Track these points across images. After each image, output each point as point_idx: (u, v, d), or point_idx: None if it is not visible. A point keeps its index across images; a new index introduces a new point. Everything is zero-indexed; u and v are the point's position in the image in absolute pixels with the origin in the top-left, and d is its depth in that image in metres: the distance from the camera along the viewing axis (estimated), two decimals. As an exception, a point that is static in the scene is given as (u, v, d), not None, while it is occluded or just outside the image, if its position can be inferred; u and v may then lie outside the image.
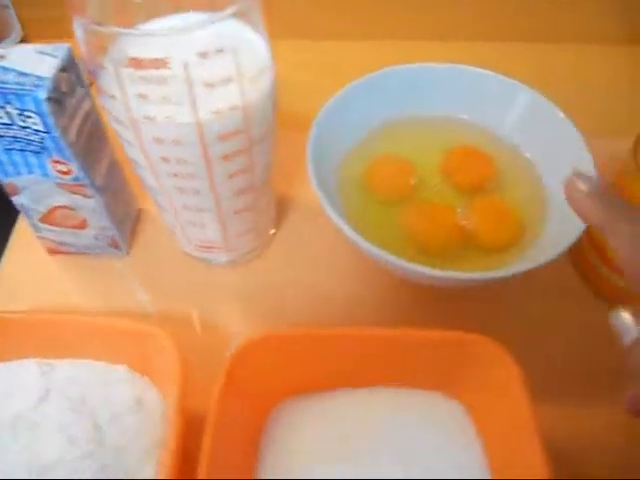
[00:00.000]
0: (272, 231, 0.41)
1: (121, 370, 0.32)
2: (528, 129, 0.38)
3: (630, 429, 0.32)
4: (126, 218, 0.40)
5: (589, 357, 0.36)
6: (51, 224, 0.37)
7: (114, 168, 0.37)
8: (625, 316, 0.23)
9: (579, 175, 0.24)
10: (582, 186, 0.23)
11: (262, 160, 0.32)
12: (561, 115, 0.36)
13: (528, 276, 0.37)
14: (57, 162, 0.33)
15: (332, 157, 0.37)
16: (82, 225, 0.37)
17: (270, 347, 0.30)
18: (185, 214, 0.34)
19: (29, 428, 0.29)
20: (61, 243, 0.39)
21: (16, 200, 0.36)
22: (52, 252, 0.40)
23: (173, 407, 0.28)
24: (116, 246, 0.39)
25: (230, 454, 0.28)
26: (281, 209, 0.42)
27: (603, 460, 0.32)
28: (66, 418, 0.29)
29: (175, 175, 0.31)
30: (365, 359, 0.31)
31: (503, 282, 0.32)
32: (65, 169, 0.33)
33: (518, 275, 0.30)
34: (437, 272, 0.29)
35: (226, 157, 0.30)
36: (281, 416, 0.31)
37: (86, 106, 0.33)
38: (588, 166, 0.34)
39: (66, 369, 0.31)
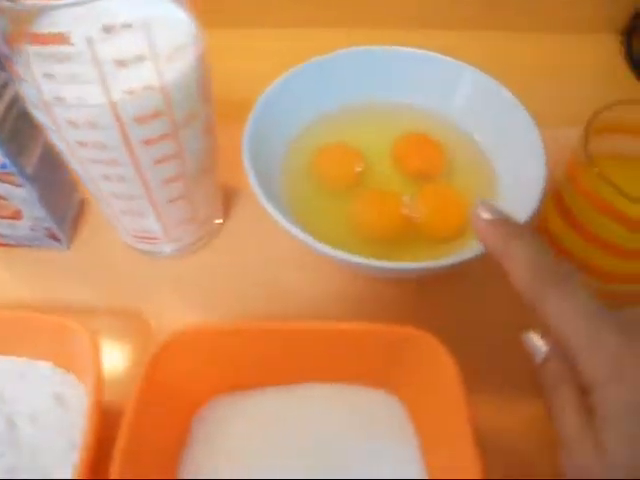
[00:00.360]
0: (219, 221, 0.40)
1: (44, 366, 0.30)
2: (478, 113, 0.36)
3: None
4: (66, 209, 0.39)
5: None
6: (-17, 215, 0.36)
7: (48, 157, 0.36)
8: (534, 337, 0.25)
9: (483, 204, 0.26)
10: (484, 214, 0.25)
11: (192, 146, 0.31)
12: (510, 98, 0.34)
13: (485, 265, 0.36)
14: (-20, 149, 0.31)
15: (276, 146, 0.36)
16: (16, 215, 0.36)
17: (195, 343, 0.28)
18: (117, 203, 0.33)
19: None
20: (-1, 235, 0.38)
21: (-56, 190, 0.35)
22: (-11, 244, 0.39)
23: (89, 405, 0.26)
24: (55, 238, 0.38)
25: (149, 454, 0.27)
26: (229, 199, 0.41)
27: (540, 455, 0.31)
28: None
29: (97, 161, 0.29)
30: (298, 354, 0.30)
31: (458, 271, 0.30)
32: (-11, 156, 0.31)
33: (453, 266, 0.28)
34: (366, 261, 0.28)
35: (148, 141, 0.28)
36: (209, 414, 0.30)
37: (11, 91, 0.32)
38: (537, 149, 0.32)
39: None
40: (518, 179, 0.33)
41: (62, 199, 0.38)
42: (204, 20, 0.35)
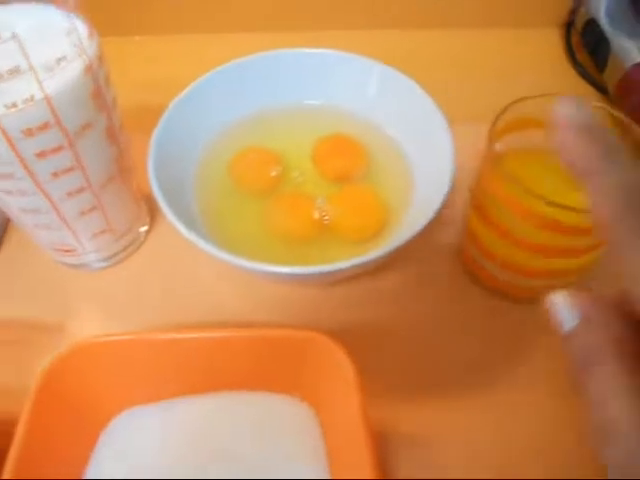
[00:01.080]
0: (144, 228, 0.39)
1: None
2: (394, 112, 0.36)
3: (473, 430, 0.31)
4: (-12, 225, 0.38)
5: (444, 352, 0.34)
6: None
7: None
8: (564, 302, 0.19)
9: (566, 101, 0.19)
10: (568, 110, 0.19)
11: (93, 156, 0.30)
12: (422, 94, 0.34)
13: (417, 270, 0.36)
14: None
15: (190, 151, 0.35)
16: None
17: (96, 354, 0.28)
18: (26, 217, 0.33)
19: None
20: None
21: None
22: None
23: None
24: (-23, 254, 0.38)
25: (49, 466, 0.26)
26: (155, 204, 0.41)
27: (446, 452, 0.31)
28: None
29: (-6, 176, 0.29)
30: (206, 363, 0.29)
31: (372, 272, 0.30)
32: None
33: (351, 269, 0.28)
34: (261, 266, 0.27)
35: (41, 154, 0.28)
36: (117, 427, 0.29)
37: None
38: (447, 145, 0.32)
39: None
40: (431, 176, 0.33)
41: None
42: (117, 28, 0.34)
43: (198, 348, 0.29)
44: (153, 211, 0.40)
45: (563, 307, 0.19)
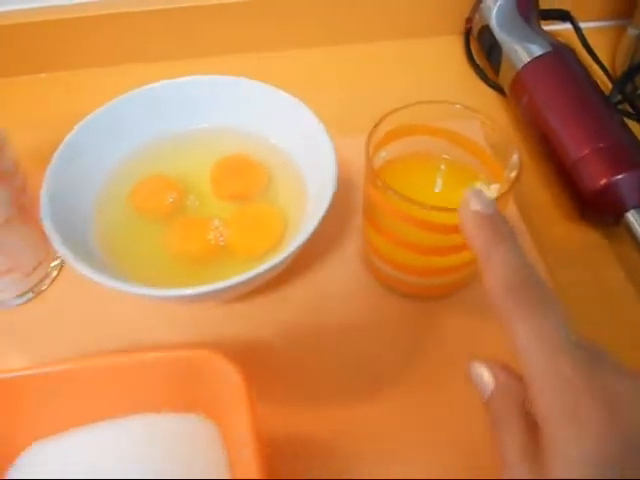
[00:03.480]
0: (54, 263, 0.40)
1: None
2: (285, 127, 0.37)
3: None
4: None
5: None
6: None
7: None
8: (482, 371, 0.23)
9: (475, 193, 0.24)
10: (475, 205, 0.24)
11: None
12: (304, 109, 0.36)
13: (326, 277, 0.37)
14: None
15: (89, 184, 0.36)
16: None
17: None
18: None
19: None
20: None
21: None
22: None
23: None
24: None
25: None
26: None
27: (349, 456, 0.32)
28: None
29: None
30: (108, 389, 0.30)
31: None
32: None
33: (242, 285, 0.29)
34: (154, 291, 0.28)
35: None
36: (23, 464, 0.30)
37: None
38: (329, 156, 0.33)
39: None
40: (322, 186, 0.34)
41: None
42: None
43: (96, 376, 0.29)
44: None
45: (482, 374, 0.23)
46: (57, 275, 0.40)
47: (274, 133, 0.38)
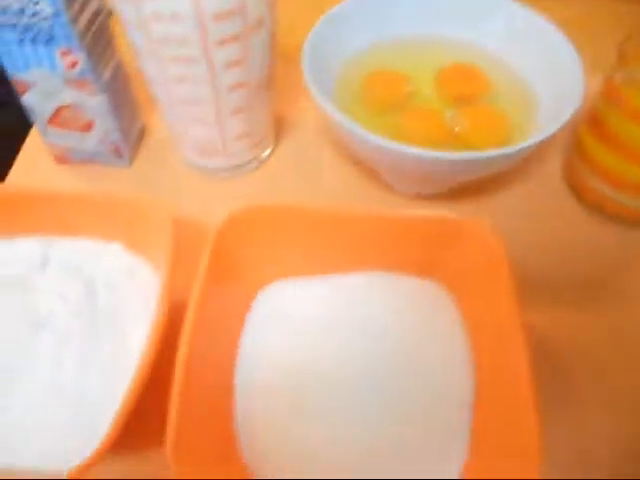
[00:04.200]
0: (269, 148, 0.42)
1: (115, 247, 0.33)
2: (517, 42, 0.39)
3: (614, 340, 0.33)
4: (130, 128, 0.42)
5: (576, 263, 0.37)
6: (58, 126, 0.39)
7: (119, 73, 0.39)
8: None
9: None
10: None
11: (256, 54, 0.34)
12: (546, 25, 0.37)
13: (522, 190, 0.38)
14: (65, 53, 0.34)
15: (328, 74, 0.39)
16: (87, 127, 0.39)
17: (257, 220, 0.30)
18: (185, 109, 0.36)
19: (27, 288, 0.30)
20: (67, 149, 0.41)
21: (25, 100, 0.38)
22: (59, 161, 0.42)
23: (164, 273, 0.28)
24: (119, 154, 0.41)
25: (212, 334, 0.28)
26: (280, 130, 0.44)
27: (585, 361, 0.33)
28: (61, 281, 0.31)
29: (175, 59, 0.32)
30: (354, 242, 0.32)
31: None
32: (72, 59, 0.35)
33: (521, 153, 0.31)
34: (441, 154, 0.30)
35: (222, 41, 0.31)
36: (266, 298, 0.32)
37: (95, 4, 0.35)
38: (575, 69, 0.35)
39: (64, 244, 0.33)
40: (556, 100, 0.35)
41: (128, 118, 0.41)
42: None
43: (350, 225, 0.31)
44: (277, 134, 0.44)
45: None
46: (269, 157, 0.43)
47: (501, 45, 0.40)
